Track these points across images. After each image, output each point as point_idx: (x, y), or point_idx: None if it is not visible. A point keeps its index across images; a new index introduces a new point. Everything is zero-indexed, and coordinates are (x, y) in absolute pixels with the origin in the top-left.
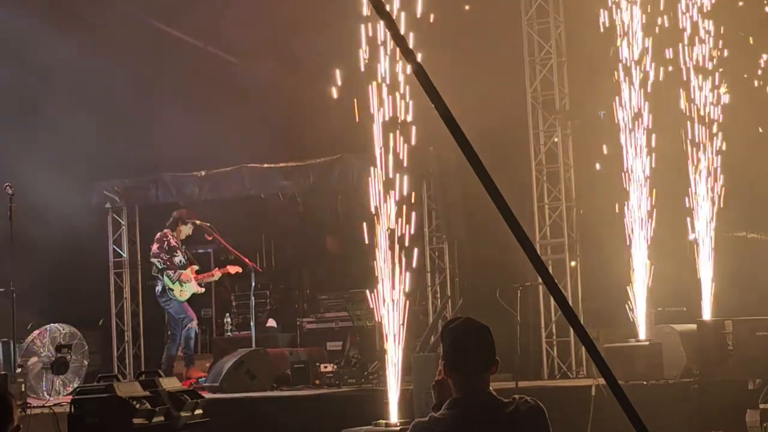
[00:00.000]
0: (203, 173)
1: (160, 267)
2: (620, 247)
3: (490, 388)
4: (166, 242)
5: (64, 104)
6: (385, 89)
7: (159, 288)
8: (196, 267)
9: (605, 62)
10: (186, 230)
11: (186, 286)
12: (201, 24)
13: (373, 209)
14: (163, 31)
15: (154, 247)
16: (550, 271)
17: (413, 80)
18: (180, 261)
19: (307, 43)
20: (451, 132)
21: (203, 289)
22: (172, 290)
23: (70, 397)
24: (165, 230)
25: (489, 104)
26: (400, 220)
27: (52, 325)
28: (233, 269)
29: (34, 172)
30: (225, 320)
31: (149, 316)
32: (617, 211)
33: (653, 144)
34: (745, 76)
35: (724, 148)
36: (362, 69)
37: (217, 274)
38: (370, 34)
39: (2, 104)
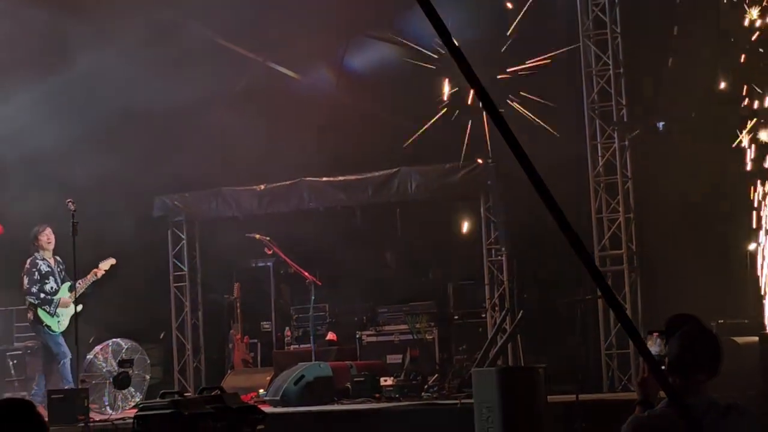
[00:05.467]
0: (262, 187)
1: (34, 303)
2: (682, 258)
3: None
4: (35, 271)
5: (125, 118)
6: None
7: (31, 317)
8: (69, 283)
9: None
10: (46, 236)
11: (63, 315)
12: (261, 39)
13: None
14: (224, 46)
15: (24, 281)
16: (609, 283)
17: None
18: (52, 288)
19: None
20: (507, 143)
21: (80, 307)
22: (50, 326)
23: (132, 411)
24: (31, 256)
25: (546, 117)
26: None
27: (114, 339)
28: (106, 264)
29: (96, 187)
30: (285, 334)
31: (210, 330)
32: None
33: None
34: None
35: None
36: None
37: (90, 277)
38: None
39: (66, 118)
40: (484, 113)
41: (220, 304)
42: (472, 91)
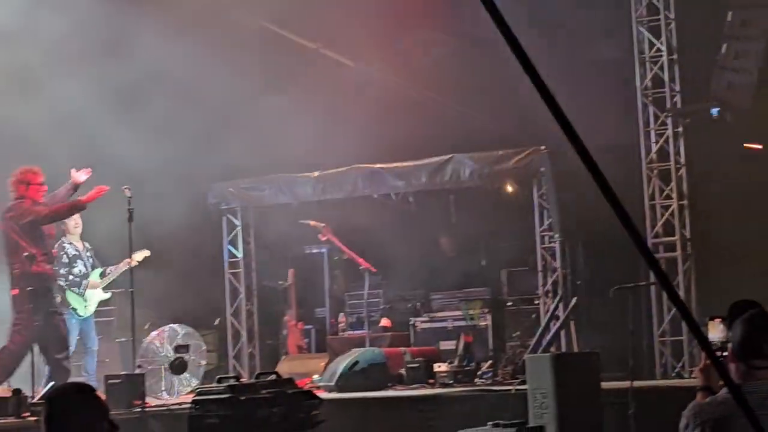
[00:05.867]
0: (316, 174)
1: (63, 286)
2: (736, 244)
3: None
4: (63, 254)
5: (179, 106)
6: None
7: (59, 300)
8: (100, 269)
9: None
10: (74, 221)
11: (90, 300)
12: (316, 27)
13: None
14: (279, 34)
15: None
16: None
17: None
18: (80, 271)
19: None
20: (561, 127)
21: (109, 294)
22: (75, 309)
23: (189, 396)
24: (58, 240)
25: (599, 103)
26: None
27: (170, 325)
28: (140, 255)
29: (151, 174)
30: (339, 320)
31: (264, 317)
32: None
33: None
34: None
35: None
36: None
37: (122, 266)
38: None
39: (119, 105)
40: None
41: (275, 290)
42: None
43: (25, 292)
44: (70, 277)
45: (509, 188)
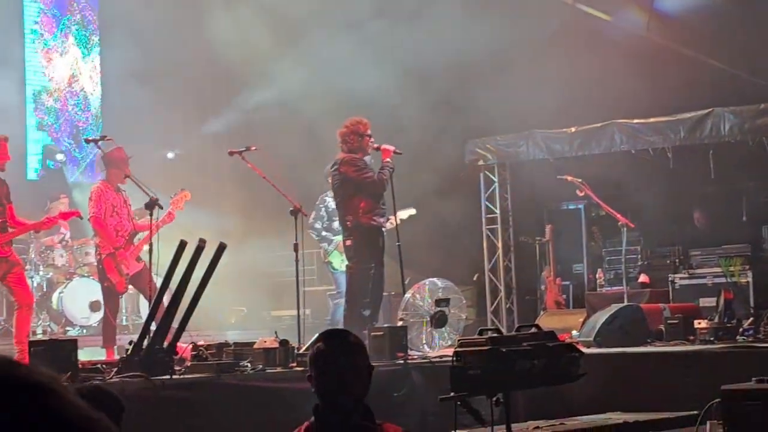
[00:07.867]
0: (573, 129)
1: (315, 238)
2: None
3: None
4: (322, 207)
5: (438, 63)
6: None
7: (323, 254)
8: None
9: None
10: None
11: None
12: None
13: None
14: None
15: (311, 216)
16: None
17: None
18: (338, 226)
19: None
20: None
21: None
22: (332, 263)
23: (449, 350)
24: (322, 194)
25: None
26: None
27: (429, 279)
28: (404, 213)
29: (409, 131)
30: (597, 276)
31: (522, 272)
32: None
33: None
34: None
35: None
36: None
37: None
38: None
39: (383, 63)
40: None
41: (532, 246)
42: None
43: (357, 243)
44: (324, 233)
45: None
